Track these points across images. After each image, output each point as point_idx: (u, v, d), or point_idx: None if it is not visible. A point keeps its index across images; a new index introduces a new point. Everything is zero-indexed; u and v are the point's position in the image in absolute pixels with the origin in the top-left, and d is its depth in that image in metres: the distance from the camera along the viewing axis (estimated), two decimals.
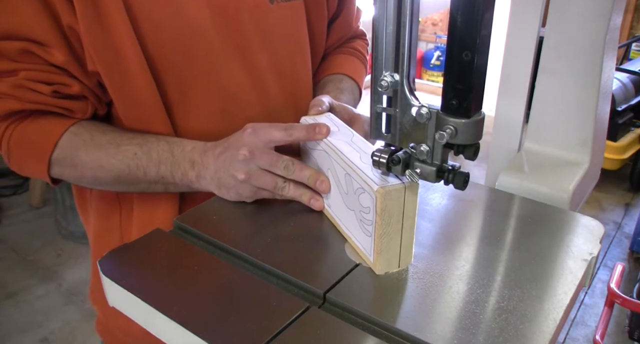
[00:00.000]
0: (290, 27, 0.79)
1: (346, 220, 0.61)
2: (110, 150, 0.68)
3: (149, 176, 0.68)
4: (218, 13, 0.70)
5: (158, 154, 0.68)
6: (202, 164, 0.67)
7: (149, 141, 0.69)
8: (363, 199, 0.56)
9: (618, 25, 0.79)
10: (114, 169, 0.68)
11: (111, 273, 0.57)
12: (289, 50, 0.80)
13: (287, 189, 0.66)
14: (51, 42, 0.64)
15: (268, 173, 0.65)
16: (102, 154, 0.68)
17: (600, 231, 0.65)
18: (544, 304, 0.53)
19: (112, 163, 0.68)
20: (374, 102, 0.53)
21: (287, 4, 0.77)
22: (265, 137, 0.65)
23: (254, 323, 0.50)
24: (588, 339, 2.04)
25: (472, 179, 0.55)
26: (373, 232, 0.55)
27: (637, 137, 2.90)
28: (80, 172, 0.69)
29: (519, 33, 0.83)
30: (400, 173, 0.54)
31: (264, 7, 0.74)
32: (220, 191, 0.67)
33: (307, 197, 0.67)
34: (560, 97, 0.82)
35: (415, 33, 0.49)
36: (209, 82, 0.72)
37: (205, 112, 0.74)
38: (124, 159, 0.68)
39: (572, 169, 0.81)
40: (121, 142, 0.68)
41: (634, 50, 3.61)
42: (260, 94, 0.77)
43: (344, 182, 0.60)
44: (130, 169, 0.68)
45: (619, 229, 2.71)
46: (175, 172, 0.68)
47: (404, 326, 0.50)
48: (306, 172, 0.66)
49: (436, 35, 4.35)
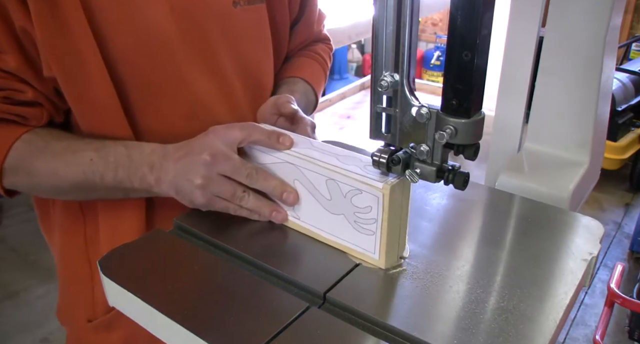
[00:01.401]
0: (254, 30, 0.77)
1: (331, 227, 0.60)
2: (66, 157, 0.65)
3: (106, 181, 0.65)
4: (181, 17, 0.68)
5: (115, 158, 0.65)
6: (162, 167, 0.64)
7: (105, 146, 0.66)
8: (359, 200, 0.56)
9: (618, 25, 0.79)
10: (70, 176, 0.65)
11: (111, 273, 0.57)
12: (253, 54, 0.79)
13: (246, 199, 0.63)
14: (2, 47, 0.61)
15: (228, 180, 0.62)
16: (57, 161, 0.65)
17: (600, 231, 0.65)
18: (544, 304, 0.53)
19: (68, 170, 0.65)
20: (374, 102, 0.53)
21: (251, 7, 0.75)
22: (227, 138, 0.62)
23: (254, 323, 0.50)
24: (588, 339, 2.04)
25: (472, 179, 0.55)
26: (378, 229, 0.56)
27: (637, 137, 2.90)
28: (35, 181, 0.67)
29: (519, 33, 0.83)
30: (400, 173, 0.54)
31: (227, 11, 0.73)
32: (178, 195, 0.64)
33: (269, 210, 0.64)
34: (560, 97, 0.82)
35: (415, 33, 0.49)
36: (174, 87, 0.70)
37: (171, 118, 0.71)
38: (79, 165, 0.65)
39: (572, 169, 0.81)
40: (77, 148, 0.66)
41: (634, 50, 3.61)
42: (227, 99, 0.76)
43: (325, 189, 0.59)
44: (87, 175, 0.65)
45: (619, 229, 2.71)
46: (133, 177, 0.65)
47: (404, 326, 0.50)
48: (272, 183, 0.63)
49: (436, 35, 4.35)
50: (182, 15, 0.68)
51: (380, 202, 0.54)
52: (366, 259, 0.59)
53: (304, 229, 0.63)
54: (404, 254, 0.60)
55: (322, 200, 0.60)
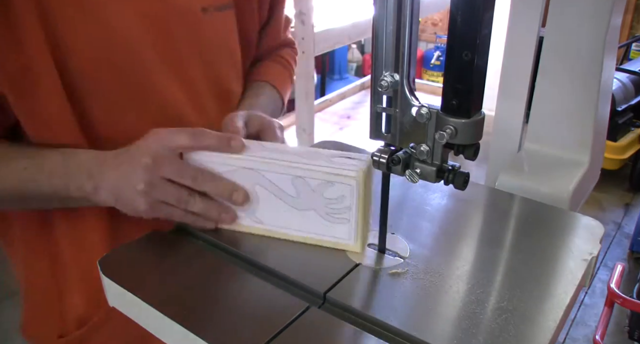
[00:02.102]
0: (223, 37, 0.75)
1: (299, 223, 0.61)
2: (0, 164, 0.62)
3: (43, 190, 0.62)
4: (148, 24, 0.65)
5: (50, 166, 0.62)
6: (100, 175, 0.61)
7: (40, 154, 0.63)
8: (331, 191, 0.58)
9: (618, 25, 0.79)
10: (3, 185, 0.62)
11: (111, 273, 0.57)
12: (223, 62, 0.77)
13: (192, 203, 0.60)
14: None
15: (172, 184, 0.59)
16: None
17: (600, 231, 0.65)
18: (544, 304, 0.53)
19: (1, 178, 0.62)
20: (374, 102, 0.53)
21: (220, 14, 0.73)
22: (171, 143, 0.59)
23: (254, 323, 0.50)
24: (588, 339, 2.04)
25: (472, 179, 0.55)
26: (353, 216, 0.58)
27: (637, 137, 2.90)
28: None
29: (519, 33, 0.83)
30: (400, 173, 0.54)
31: (197, 17, 0.70)
32: (118, 204, 0.61)
33: (217, 212, 0.61)
34: (560, 97, 0.82)
35: (415, 33, 0.49)
36: (141, 101, 0.68)
37: (138, 130, 0.66)
38: (13, 172, 0.62)
39: (572, 169, 0.81)
40: (10, 155, 0.63)
41: (634, 50, 3.61)
42: (196, 107, 0.73)
43: (291, 187, 0.59)
44: (22, 183, 0.62)
45: (619, 229, 2.71)
46: (70, 185, 0.61)
47: (404, 326, 0.50)
48: (219, 183, 0.60)
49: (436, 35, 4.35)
50: (151, 22, 0.66)
51: (355, 189, 0.56)
52: (340, 247, 0.60)
53: (268, 232, 0.63)
54: (404, 254, 0.60)
55: (288, 199, 0.60)
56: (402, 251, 0.61)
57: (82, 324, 0.72)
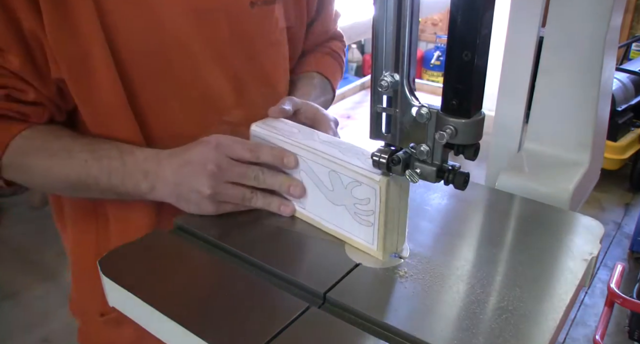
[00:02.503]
0: (270, 31, 0.77)
1: (332, 217, 0.62)
2: (62, 157, 0.66)
3: (101, 185, 0.66)
4: (197, 16, 0.68)
5: (109, 162, 0.65)
6: (158, 175, 0.64)
7: (101, 148, 0.66)
8: (358, 191, 0.57)
9: (618, 25, 0.79)
10: (63, 177, 0.66)
11: (111, 273, 0.57)
12: (268, 55, 0.79)
13: (255, 200, 0.65)
14: (7, 47, 0.62)
15: (235, 186, 0.63)
16: (53, 161, 0.66)
17: (600, 231, 0.65)
18: (544, 304, 0.53)
19: (63, 171, 0.66)
20: (374, 102, 0.53)
21: (268, 8, 0.75)
22: (231, 153, 0.63)
23: (254, 323, 0.50)
24: (588, 339, 2.04)
25: (472, 179, 0.55)
26: (376, 220, 0.57)
27: (637, 137, 2.90)
28: (30, 178, 0.68)
29: (519, 33, 0.83)
30: (400, 173, 0.54)
31: (244, 11, 0.73)
32: (180, 203, 0.65)
33: (277, 205, 0.66)
34: (560, 97, 0.81)
35: (415, 33, 0.49)
36: (187, 91, 0.71)
37: (183, 120, 0.72)
38: (74, 166, 0.66)
39: (572, 169, 0.80)
40: (73, 148, 0.66)
41: (634, 50, 3.61)
42: (240, 100, 0.76)
43: (328, 180, 0.60)
44: (81, 177, 0.66)
45: (619, 229, 2.71)
46: (127, 183, 0.65)
47: (404, 326, 0.50)
48: (278, 179, 0.64)
49: (436, 35, 4.35)
50: (199, 15, 0.68)
51: (377, 194, 0.56)
52: (365, 249, 0.60)
53: (309, 219, 0.65)
54: (404, 254, 0.60)
55: (325, 191, 0.61)
56: (402, 251, 0.61)
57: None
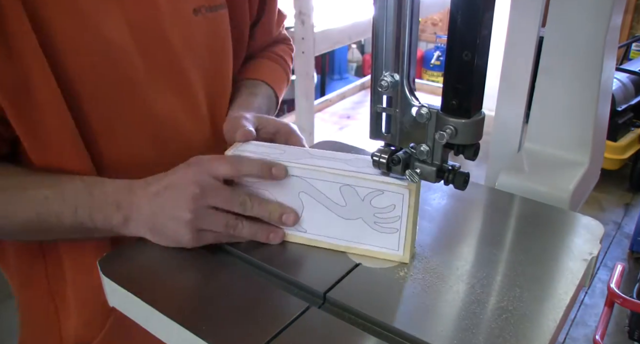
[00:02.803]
0: (216, 37, 0.74)
1: (345, 233, 0.60)
2: (15, 196, 0.59)
3: (65, 222, 0.59)
4: (139, 30, 0.64)
5: (74, 196, 0.59)
6: (132, 205, 0.58)
7: (61, 182, 0.60)
8: (380, 200, 0.57)
9: (618, 25, 0.79)
10: (20, 217, 0.59)
11: (111, 273, 0.57)
12: (215, 62, 0.75)
13: (240, 228, 0.59)
14: None
15: (218, 211, 0.58)
16: (4, 201, 0.59)
17: (600, 231, 0.65)
18: (544, 304, 0.53)
19: (18, 210, 0.59)
20: (374, 102, 0.53)
21: (212, 14, 0.72)
22: (214, 171, 0.57)
23: (254, 323, 0.50)
24: (588, 339, 2.04)
25: (472, 179, 0.55)
26: (402, 226, 0.57)
27: (637, 137, 2.90)
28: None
29: (519, 33, 0.83)
30: (401, 173, 0.54)
31: (188, 19, 0.69)
32: (154, 236, 0.59)
33: (265, 234, 0.60)
34: (560, 97, 0.82)
35: (415, 33, 0.49)
36: (136, 107, 0.66)
37: (135, 142, 0.67)
38: (31, 205, 0.59)
39: (572, 169, 0.80)
40: (28, 185, 0.60)
41: (634, 50, 3.61)
42: (191, 112, 0.72)
43: (339, 195, 0.58)
44: (40, 216, 0.59)
45: (619, 229, 2.71)
46: (96, 217, 0.59)
47: (404, 326, 0.50)
48: (268, 207, 0.59)
49: (436, 35, 4.35)
50: (140, 28, 0.64)
51: (406, 199, 0.56)
52: (388, 257, 0.59)
53: (312, 242, 0.62)
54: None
55: (335, 208, 0.59)
56: None
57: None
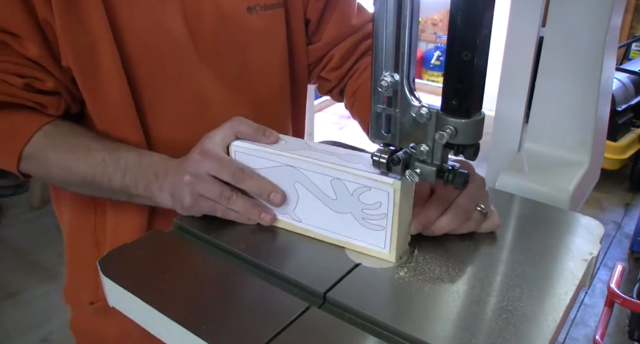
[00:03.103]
0: (268, 36, 0.78)
1: (336, 226, 0.60)
2: (80, 153, 0.67)
3: (114, 184, 0.67)
4: (192, 20, 0.70)
5: (126, 162, 0.66)
6: (165, 177, 0.65)
7: (119, 149, 0.67)
8: (367, 197, 0.57)
9: (618, 25, 0.79)
10: (80, 172, 0.67)
11: (111, 272, 0.57)
12: (264, 60, 0.79)
13: (233, 200, 0.62)
14: (26, 35, 0.63)
15: (215, 179, 0.61)
16: (71, 156, 0.67)
17: (600, 231, 0.65)
18: (544, 304, 0.53)
19: (80, 166, 0.67)
20: (374, 102, 0.53)
21: (267, 13, 0.76)
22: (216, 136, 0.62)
23: (254, 323, 0.50)
24: (588, 339, 2.04)
25: None
26: (388, 224, 0.57)
27: (637, 137, 2.90)
28: (47, 171, 0.69)
29: (519, 33, 0.83)
30: (400, 173, 0.54)
31: (240, 17, 0.73)
32: (173, 201, 0.65)
33: (257, 211, 0.63)
34: (560, 97, 0.82)
35: (415, 33, 0.49)
36: (183, 90, 0.72)
37: (178, 119, 0.73)
38: (91, 164, 0.67)
39: (572, 169, 0.81)
40: (92, 147, 0.67)
41: (634, 50, 3.61)
42: (231, 104, 0.76)
43: (330, 189, 0.59)
44: (96, 174, 0.67)
45: (619, 229, 2.71)
46: (139, 183, 0.66)
47: (404, 326, 0.50)
48: (257, 183, 0.61)
49: (436, 35, 4.35)
50: (194, 18, 0.70)
51: (391, 197, 0.55)
52: (374, 254, 0.59)
53: (306, 231, 0.63)
54: (404, 254, 0.60)
55: (327, 200, 0.60)
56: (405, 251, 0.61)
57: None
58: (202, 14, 0.71)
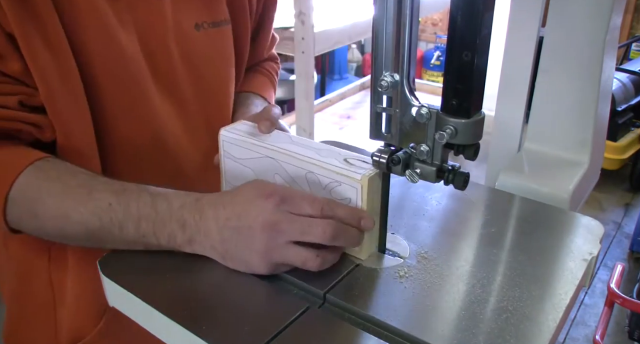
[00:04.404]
0: (216, 52, 0.77)
1: None
2: (80, 196, 0.57)
3: (127, 233, 0.57)
4: (145, 39, 0.67)
5: (138, 207, 0.56)
6: (199, 228, 0.56)
7: (127, 190, 0.58)
8: (338, 191, 0.57)
9: (618, 25, 0.79)
10: (83, 221, 0.56)
11: (111, 272, 0.57)
12: (215, 76, 0.78)
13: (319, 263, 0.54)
14: (3, 52, 0.57)
15: (296, 246, 0.54)
16: (69, 199, 0.57)
17: (600, 231, 0.65)
18: (544, 304, 0.53)
19: (81, 213, 0.56)
20: (374, 102, 0.53)
21: (215, 30, 0.75)
22: (296, 210, 0.54)
23: (254, 323, 0.50)
24: (588, 339, 2.04)
25: (472, 179, 0.55)
26: None
27: (637, 137, 2.90)
28: (41, 223, 0.58)
29: (519, 33, 0.83)
30: (400, 173, 0.54)
31: (189, 34, 0.72)
32: (224, 261, 0.57)
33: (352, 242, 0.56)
34: (560, 97, 0.82)
35: (415, 33, 0.49)
36: (141, 108, 0.69)
37: (137, 139, 0.69)
38: (95, 209, 0.56)
39: (572, 169, 0.81)
40: (93, 187, 0.58)
41: (634, 50, 3.61)
42: (186, 125, 0.75)
43: (305, 182, 0.60)
44: (103, 222, 0.56)
45: (619, 229, 2.71)
46: (160, 233, 0.56)
47: (404, 326, 0.50)
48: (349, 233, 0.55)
49: (436, 35, 4.35)
50: (147, 38, 0.68)
51: (359, 193, 0.56)
52: (346, 250, 0.59)
53: None
54: (404, 254, 0.60)
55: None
56: (402, 251, 0.61)
57: (76, 341, 0.71)
58: (154, 31, 0.68)
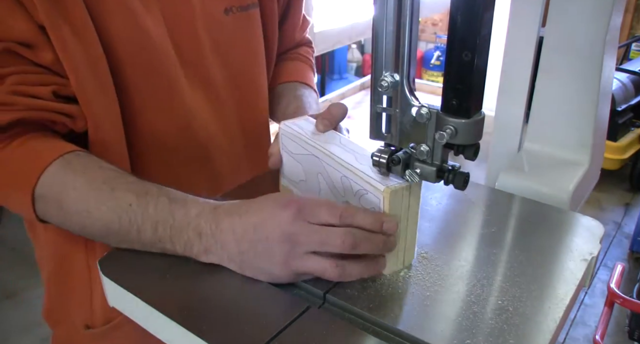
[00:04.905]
0: (246, 37, 0.77)
1: None
2: (103, 193, 0.58)
3: (144, 236, 0.57)
4: (173, 26, 0.68)
5: (156, 211, 0.56)
6: (216, 239, 0.55)
7: (148, 193, 0.57)
8: (366, 200, 0.56)
9: (618, 25, 0.79)
10: (103, 219, 0.57)
11: (111, 273, 0.57)
12: (244, 61, 0.78)
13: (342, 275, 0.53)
14: (34, 41, 0.58)
15: (315, 257, 0.53)
16: (92, 195, 0.58)
17: (600, 231, 0.65)
18: (544, 304, 0.53)
19: (102, 211, 0.57)
20: (374, 102, 0.53)
21: (244, 14, 0.75)
22: (315, 219, 0.53)
23: (254, 323, 0.50)
24: (588, 339, 2.04)
25: (472, 179, 0.55)
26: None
27: (637, 137, 2.90)
28: (64, 216, 0.60)
29: (519, 33, 0.83)
30: (400, 173, 0.54)
31: (218, 19, 0.72)
32: (243, 271, 0.56)
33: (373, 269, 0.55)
34: (560, 97, 0.82)
35: (415, 33, 0.49)
36: (168, 96, 0.69)
37: (163, 127, 0.70)
38: (116, 208, 0.57)
39: (572, 169, 0.81)
40: (117, 186, 0.58)
41: (634, 50, 3.61)
42: (216, 112, 0.75)
43: (341, 184, 0.59)
44: (122, 222, 0.57)
45: (619, 229, 2.71)
46: (177, 240, 0.56)
47: (404, 326, 0.50)
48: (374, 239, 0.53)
49: (436, 35, 4.35)
50: (175, 25, 0.68)
51: (382, 204, 0.54)
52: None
53: None
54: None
55: (338, 195, 0.61)
56: None
57: (110, 319, 0.72)
58: (181, 18, 0.68)
